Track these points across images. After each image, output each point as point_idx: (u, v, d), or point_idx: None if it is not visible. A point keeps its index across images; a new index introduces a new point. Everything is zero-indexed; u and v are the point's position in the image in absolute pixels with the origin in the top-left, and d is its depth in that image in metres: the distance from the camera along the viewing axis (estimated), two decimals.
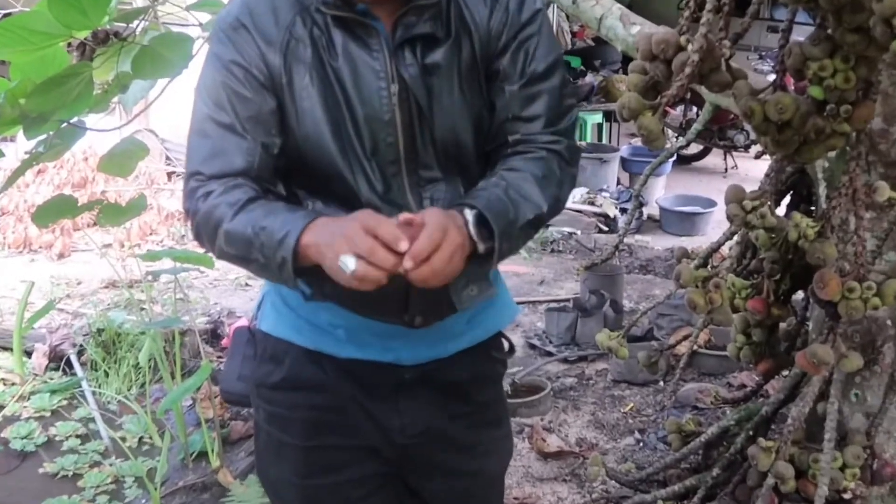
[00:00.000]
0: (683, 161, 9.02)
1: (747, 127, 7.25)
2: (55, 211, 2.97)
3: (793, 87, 2.04)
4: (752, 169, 8.41)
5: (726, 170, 8.98)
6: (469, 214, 1.45)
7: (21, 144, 3.54)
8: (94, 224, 6.27)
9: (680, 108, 7.78)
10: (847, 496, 2.33)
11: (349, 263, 1.33)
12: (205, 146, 1.53)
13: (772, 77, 2.02)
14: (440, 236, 1.36)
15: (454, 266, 1.39)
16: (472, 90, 1.58)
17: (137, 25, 2.62)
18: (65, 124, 2.54)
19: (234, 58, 1.52)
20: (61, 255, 6.17)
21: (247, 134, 1.52)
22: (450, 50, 1.55)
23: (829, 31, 1.77)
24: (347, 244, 1.34)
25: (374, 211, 1.48)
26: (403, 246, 1.33)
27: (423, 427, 1.72)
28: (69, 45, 2.53)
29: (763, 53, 9.53)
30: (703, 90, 2.33)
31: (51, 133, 2.57)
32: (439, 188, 1.59)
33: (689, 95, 2.62)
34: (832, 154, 2.26)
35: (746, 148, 8.23)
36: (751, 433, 2.58)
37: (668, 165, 7.70)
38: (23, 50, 2.37)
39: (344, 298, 1.56)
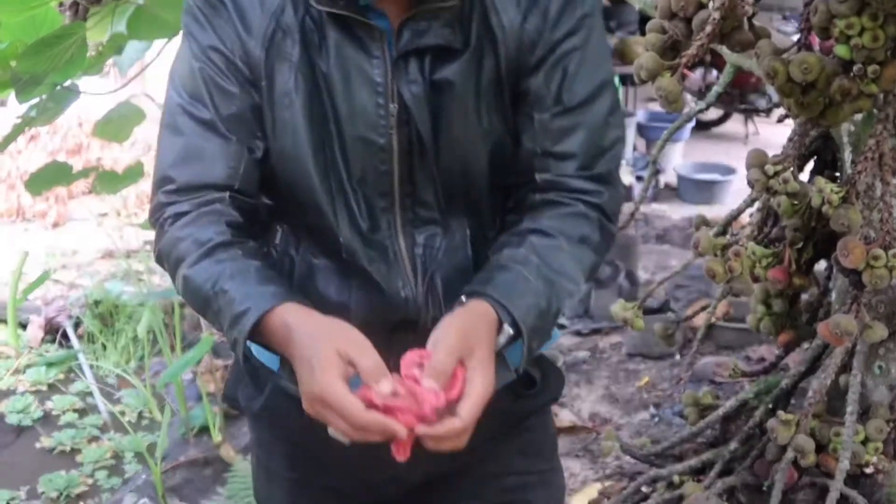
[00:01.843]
0: (702, 127, 8.98)
1: (769, 90, 7.22)
2: (49, 178, 2.98)
3: (818, 47, 2.02)
4: (774, 135, 8.34)
5: (747, 136, 8.93)
6: (504, 336, 1.23)
7: (12, 109, 3.54)
8: (90, 192, 6.27)
9: (699, 71, 7.74)
10: (869, 471, 2.34)
11: (341, 436, 1.16)
12: (177, 144, 1.31)
13: (796, 37, 2.00)
14: (478, 416, 1.16)
15: None
16: (492, 113, 1.32)
17: None
18: (58, 87, 2.54)
19: (213, 42, 1.29)
20: (56, 224, 6.19)
21: (231, 135, 1.29)
22: (467, 64, 1.29)
23: None
24: (321, 420, 1.16)
25: (353, 253, 1.32)
26: (401, 434, 1.13)
27: (423, 476, 1.47)
28: (61, 4, 2.53)
29: (787, 14, 9.47)
30: (724, 50, 2.32)
31: (43, 96, 2.57)
32: (437, 233, 1.36)
33: (708, 57, 2.61)
34: (858, 117, 2.25)
35: (768, 112, 8.20)
36: (770, 406, 2.59)
37: (686, 131, 7.68)
38: (13, 9, 2.36)
39: None
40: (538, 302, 1.25)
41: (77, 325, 4.49)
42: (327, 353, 1.13)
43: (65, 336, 4.44)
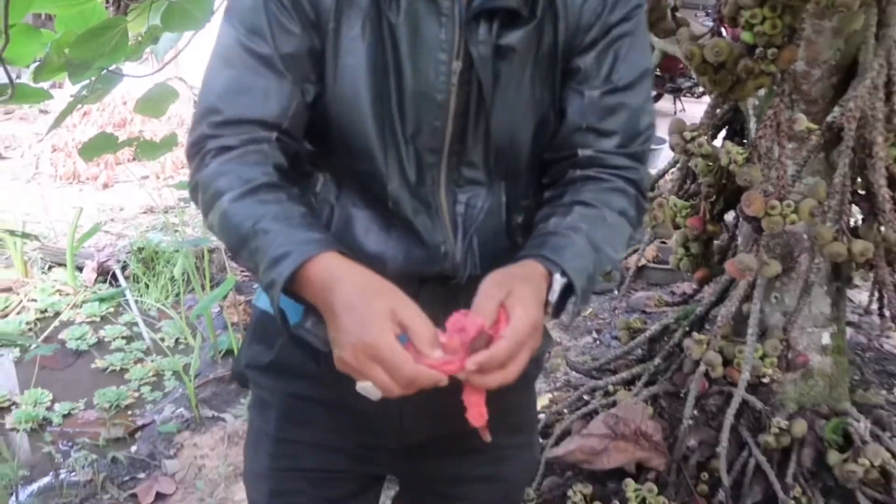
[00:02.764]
0: None
1: (694, 73, 7.21)
2: (99, 147, 2.94)
3: (728, 34, 2.02)
4: (699, 112, 8.31)
5: (675, 112, 8.93)
6: (557, 284, 1.04)
7: (67, 89, 3.49)
8: (133, 159, 6.22)
9: None
10: (766, 380, 2.38)
11: (372, 392, 0.94)
12: (228, 76, 1.06)
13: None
14: (524, 345, 0.96)
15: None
16: (543, 85, 1.13)
17: None
18: (104, 71, 2.51)
19: None
20: (105, 186, 6.13)
21: (287, 73, 1.06)
22: (530, 33, 1.09)
23: None
24: (360, 376, 0.94)
25: (398, 202, 1.11)
26: (443, 381, 0.94)
27: (427, 435, 1.24)
28: (106, 1, 2.49)
29: (709, 11, 9.40)
30: (653, 38, 2.32)
31: (92, 79, 2.54)
32: (479, 194, 1.15)
33: None
34: (762, 92, 2.25)
35: (691, 91, 8.19)
36: (687, 329, 2.61)
37: None
38: (66, 4, 2.33)
39: None
40: (588, 265, 1.07)
41: (124, 267, 4.47)
42: (380, 306, 0.93)
43: (114, 277, 4.43)
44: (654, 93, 1.33)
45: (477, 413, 0.98)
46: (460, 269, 1.14)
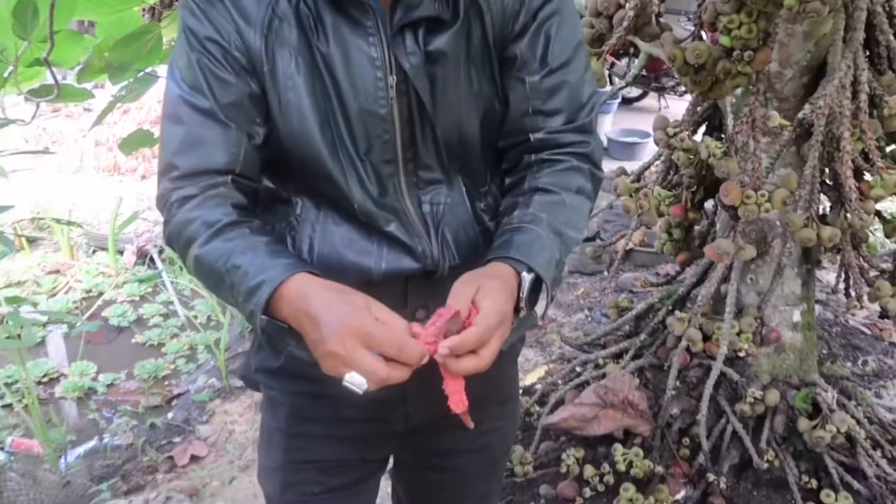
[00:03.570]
0: (626, 102, 8.93)
1: (677, 74, 7.17)
2: (137, 142, 2.93)
3: (708, 38, 2.01)
4: (681, 109, 8.26)
5: (660, 109, 8.87)
6: (526, 282, 1.00)
7: (108, 89, 3.49)
8: None
9: (625, 60, 7.66)
10: (741, 354, 2.38)
11: (360, 383, 0.88)
12: (179, 134, 1.03)
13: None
14: (493, 331, 0.93)
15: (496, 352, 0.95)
16: (482, 79, 1.08)
17: None
18: (141, 73, 2.50)
19: (209, 34, 1.02)
20: (143, 177, 6.14)
21: (230, 122, 1.03)
22: (457, 34, 1.05)
23: None
24: (348, 366, 0.88)
25: (369, 216, 1.07)
26: (424, 358, 0.91)
27: (429, 416, 1.22)
28: (143, 9, 2.48)
29: (690, 16, 9.34)
30: (638, 42, 2.30)
31: (130, 80, 2.53)
32: (440, 191, 1.12)
33: (632, 49, 2.58)
34: (738, 92, 2.24)
35: (674, 89, 8.14)
36: (670, 308, 2.61)
37: (615, 105, 7.64)
38: (105, 11, 2.32)
39: None
40: (553, 255, 1.04)
41: (161, 251, 4.48)
42: (357, 300, 0.91)
43: (151, 260, 4.44)
44: (637, 92, 1.32)
45: (458, 400, 0.96)
46: (440, 263, 1.11)
